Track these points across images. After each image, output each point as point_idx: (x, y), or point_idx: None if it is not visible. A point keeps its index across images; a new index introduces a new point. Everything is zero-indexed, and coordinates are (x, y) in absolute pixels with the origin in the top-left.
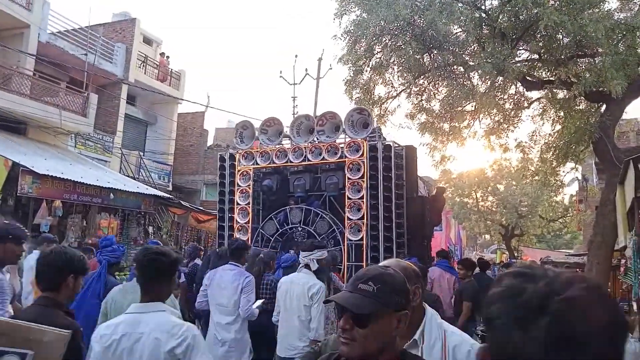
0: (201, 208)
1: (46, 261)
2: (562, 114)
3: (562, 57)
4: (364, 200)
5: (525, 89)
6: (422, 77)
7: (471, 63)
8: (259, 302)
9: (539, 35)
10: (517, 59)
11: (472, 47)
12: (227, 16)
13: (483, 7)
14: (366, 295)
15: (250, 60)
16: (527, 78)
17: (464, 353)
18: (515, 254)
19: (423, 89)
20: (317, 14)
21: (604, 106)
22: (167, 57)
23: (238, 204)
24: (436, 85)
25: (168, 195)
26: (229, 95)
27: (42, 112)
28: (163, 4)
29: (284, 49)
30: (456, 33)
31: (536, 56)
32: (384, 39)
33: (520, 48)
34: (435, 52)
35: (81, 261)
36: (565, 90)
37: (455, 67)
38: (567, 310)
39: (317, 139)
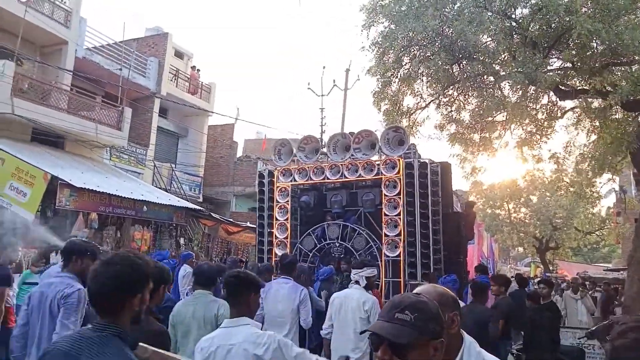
0: (231, 220)
1: None
2: (597, 123)
3: (597, 65)
4: (401, 216)
5: (558, 99)
6: (451, 87)
7: (502, 73)
8: None
9: (571, 44)
10: (549, 67)
11: (503, 56)
12: (255, 29)
13: (513, 16)
14: (404, 324)
15: (278, 71)
16: (560, 87)
17: None
18: (551, 268)
19: (453, 99)
20: (349, 25)
21: None
22: (198, 70)
23: (277, 219)
24: (466, 96)
25: (199, 207)
26: (258, 106)
27: (79, 127)
28: (193, 15)
29: (312, 60)
30: (486, 43)
31: (569, 65)
32: (413, 50)
33: (553, 57)
34: (465, 62)
35: (169, 274)
36: (600, 100)
37: (485, 77)
38: None
39: (353, 156)
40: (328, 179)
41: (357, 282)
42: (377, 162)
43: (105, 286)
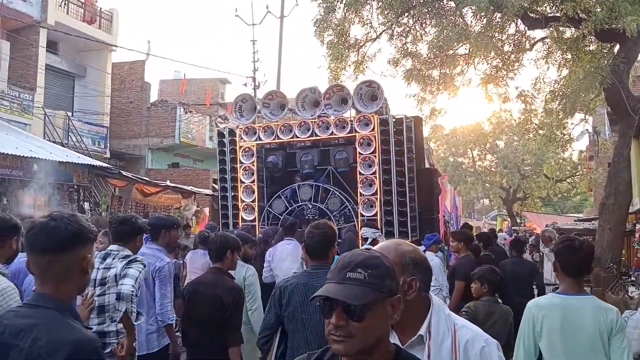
0: (146, 179)
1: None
2: (569, 56)
3: None
4: (377, 175)
5: (526, 28)
6: (406, 15)
7: None
8: None
9: None
10: None
11: None
12: None
13: None
14: (358, 283)
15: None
16: (529, 14)
17: (477, 349)
18: (518, 221)
19: (408, 29)
20: None
21: (617, 46)
22: None
23: (242, 182)
24: (423, 25)
25: (105, 165)
26: (175, 41)
27: None
28: None
29: None
30: None
31: None
32: None
33: None
34: None
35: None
36: (573, 29)
37: (445, 2)
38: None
39: (323, 112)
40: (297, 137)
41: (374, 240)
42: (349, 119)
43: (319, 242)
